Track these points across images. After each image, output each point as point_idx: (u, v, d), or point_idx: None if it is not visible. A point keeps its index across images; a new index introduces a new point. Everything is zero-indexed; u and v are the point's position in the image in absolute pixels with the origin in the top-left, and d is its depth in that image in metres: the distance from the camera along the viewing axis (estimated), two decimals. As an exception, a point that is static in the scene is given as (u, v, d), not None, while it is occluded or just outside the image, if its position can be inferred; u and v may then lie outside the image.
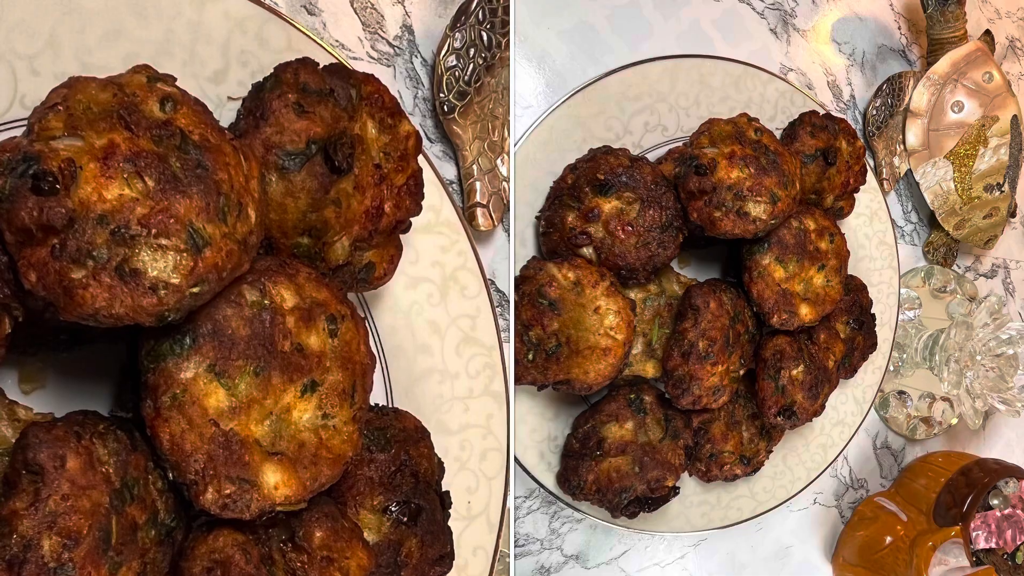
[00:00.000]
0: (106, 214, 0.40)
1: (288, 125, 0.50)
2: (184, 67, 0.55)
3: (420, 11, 0.73)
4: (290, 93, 0.51)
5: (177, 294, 0.42)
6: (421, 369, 0.68)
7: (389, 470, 0.58)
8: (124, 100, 0.44)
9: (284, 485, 0.47)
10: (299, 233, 0.53)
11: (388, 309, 0.67)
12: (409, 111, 0.73)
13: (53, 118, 0.42)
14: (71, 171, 0.40)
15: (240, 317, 0.47)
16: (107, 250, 0.40)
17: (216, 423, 0.46)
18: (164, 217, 0.41)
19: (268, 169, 0.50)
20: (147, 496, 0.47)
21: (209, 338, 0.46)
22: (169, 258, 0.41)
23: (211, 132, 0.45)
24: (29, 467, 0.41)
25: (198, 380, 0.45)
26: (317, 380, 0.50)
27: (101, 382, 0.56)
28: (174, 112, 0.44)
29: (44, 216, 0.39)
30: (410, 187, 0.58)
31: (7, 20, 0.50)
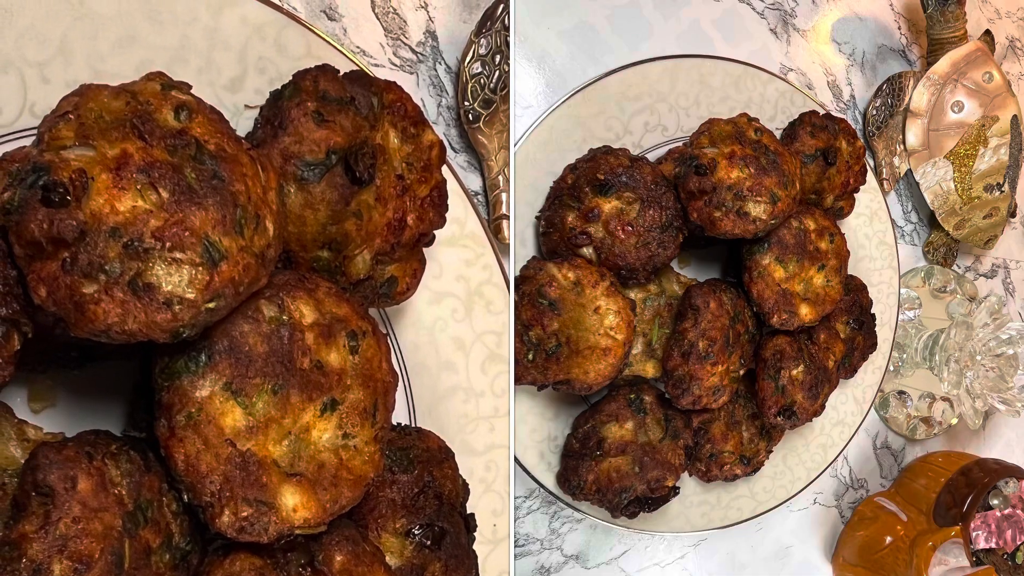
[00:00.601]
0: (119, 227, 0.39)
1: (307, 134, 0.49)
2: (200, 74, 0.54)
3: (444, 16, 0.71)
4: (309, 101, 0.50)
5: (192, 309, 0.40)
6: (445, 387, 0.66)
7: (412, 492, 0.56)
8: (137, 108, 0.42)
9: (303, 507, 0.46)
10: (319, 246, 0.51)
11: (411, 325, 0.64)
12: (433, 120, 0.71)
13: (64, 127, 0.40)
14: (82, 182, 0.39)
15: (258, 333, 0.45)
16: (120, 264, 0.39)
17: (233, 443, 0.44)
18: (179, 230, 0.40)
19: (286, 180, 0.49)
20: (161, 519, 0.46)
21: (225, 355, 0.44)
22: (184, 272, 0.40)
23: (227, 142, 0.44)
24: (39, 489, 0.40)
25: (214, 398, 0.44)
26: (337, 398, 0.48)
27: (113, 401, 0.55)
28: (189, 121, 0.43)
29: (54, 229, 0.38)
30: (434, 199, 0.56)
31: (16, 26, 0.48)
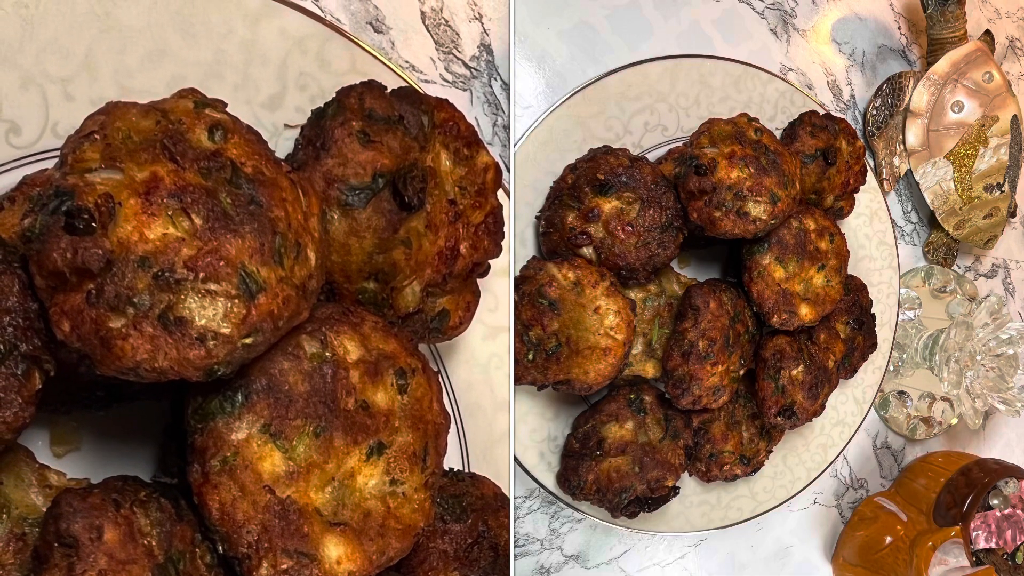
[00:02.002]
0: (148, 256, 0.36)
1: (352, 156, 0.46)
2: (236, 91, 0.50)
3: (500, 28, 0.66)
4: (354, 120, 0.47)
5: (228, 346, 0.37)
6: (501, 430, 0.61)
7: (465, 542, 0.53)
8: (168, 128, 0.39)
9: (348, 559, 0.43)
10: (364, 277, 0.48)
11: (464, 362, 0.60)
12: (488, 140, 0.65)
13: (89, 148, 0.38)
14: (109, 208, 0.36)
15: (298, 371, 0.42)
16: (149, 296, 0.36)
17: (271, 490, 0.41)
18: (213, 259, 0.37)
19: (330, 205, 0.46)
20: (194, 572, 0.43)
21: (264, 395, 0.41)
22: (219, 305, 0.37)
23: (266, 164, 0.41)
24: (62, 539, 0.37)
25: (251, 442, 0.41)
26: (384, 442, 0.45)
27: (142, 444, 0.51)
28: (224, 142, 0.40)
29: (79, 258, 0.35)
30: (488, 225, 0.53)
31: (38, 39, 0.44)
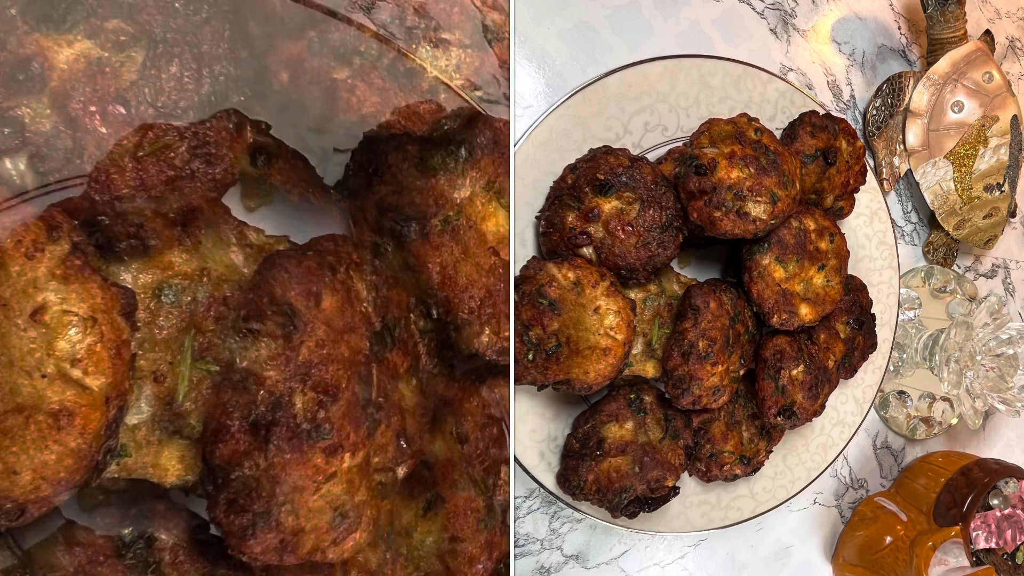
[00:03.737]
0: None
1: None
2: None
3: None
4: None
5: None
6: None
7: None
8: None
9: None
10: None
11: None
12: None
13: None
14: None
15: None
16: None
17: (495, 252, 0.61)
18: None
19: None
20: (408, 339, 0.40)
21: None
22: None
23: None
24: (277, 306, 0.33)
25: (475, 200, 0.60)
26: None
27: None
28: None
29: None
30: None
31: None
